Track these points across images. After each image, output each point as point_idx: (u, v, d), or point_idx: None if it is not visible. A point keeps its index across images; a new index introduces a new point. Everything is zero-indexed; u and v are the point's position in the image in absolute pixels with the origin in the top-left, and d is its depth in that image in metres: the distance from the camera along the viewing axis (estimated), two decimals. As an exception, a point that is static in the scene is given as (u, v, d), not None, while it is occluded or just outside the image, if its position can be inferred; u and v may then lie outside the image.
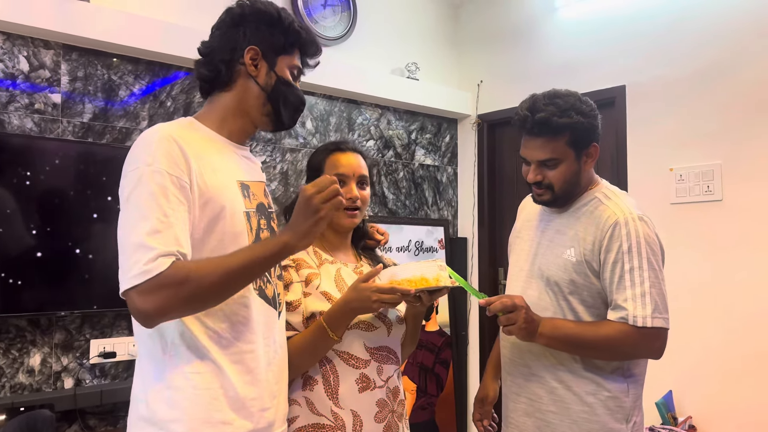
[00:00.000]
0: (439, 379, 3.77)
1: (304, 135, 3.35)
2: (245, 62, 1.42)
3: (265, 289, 1.44)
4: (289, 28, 1.44)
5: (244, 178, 1.45)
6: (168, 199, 1.25)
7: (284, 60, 1.45)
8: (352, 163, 1.69)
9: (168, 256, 1.21)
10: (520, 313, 1.58)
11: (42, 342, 2.48)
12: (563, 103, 1.65)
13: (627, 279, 1.61)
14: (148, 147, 1.30)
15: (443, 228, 3.96)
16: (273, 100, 1.44)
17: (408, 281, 1.50)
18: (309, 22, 3.34)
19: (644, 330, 1.59)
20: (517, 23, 3.81)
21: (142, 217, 1.23)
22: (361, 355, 1.61)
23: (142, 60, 2.79)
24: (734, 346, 2.85)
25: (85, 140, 2.61)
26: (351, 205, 1.66)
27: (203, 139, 1.40)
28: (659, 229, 3.01)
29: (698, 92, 3.01)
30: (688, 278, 2.99)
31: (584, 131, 1.67)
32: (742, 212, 2.86)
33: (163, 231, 1.23)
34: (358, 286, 1.52)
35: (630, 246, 1.62)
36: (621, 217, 1.65)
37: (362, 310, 1.54)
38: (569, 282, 1.68)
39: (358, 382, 1.59)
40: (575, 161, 1.69)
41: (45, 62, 2.55)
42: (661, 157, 3.12)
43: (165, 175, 1.26)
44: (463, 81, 4.08)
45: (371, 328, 1.63)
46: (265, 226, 1.46)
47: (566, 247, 1.71)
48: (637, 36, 3.25)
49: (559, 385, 1.69)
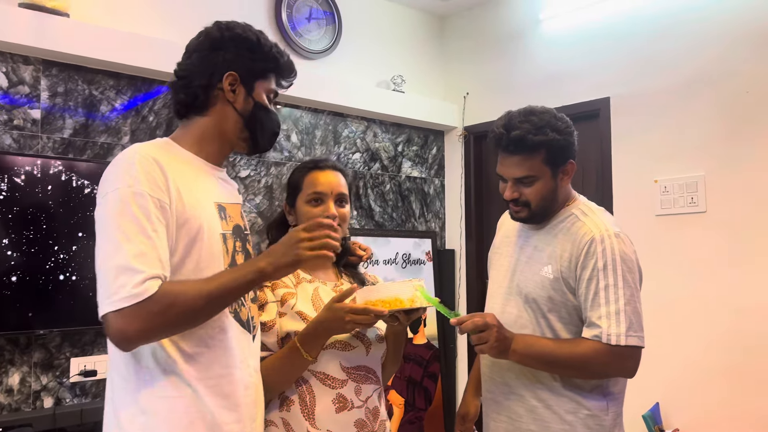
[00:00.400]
0: (427, 392, 3.75)
1: (289, 149, 3.34)
2: (224, 88, 1.42)
3: (240, 312, 1.43)
4: (268, 54, 1.45)
5: (221, 199, 1.44)
6: (150, 221, 1.24)
7: (262, 85, 1.45)
8: (330, 182, 1.69)
9: (155, 279, 1.21)
10: (492, 331, 1.56)
11: (21, 361, 2.45)
12: (538, 121, 1.65)
13: (602, 296, 1.60)
14: (129, 168, 1.28)
15: (431, 240, 3.94)
16: (250, 126, 1.44)
17: (382, 302, 1.49)
18: (293, 35, 3.34)
19: (618, 348, 1.58)
20: (502, 35, 3.82)
21: (126, 239, 1.22)
22: (337, 375, 1.59)
23: (123, 74, 2.77)
24: (720, 358, 2.84)
25: (66, 156, 2.59)
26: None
27: (180, 161, 1.39)
28: (645, 240, 3.05)
29: (682, 104, 3.02)
30: (673, 290, 2.98)
31: (560, 148, 1.66)
32: (726, 224, 2.86)
33: (148, 253, 1.22)
34: (332, 306, 1.50)
35: (605, 263, 1.61)
36: (597, 234, 1.64)
37: (336, 331, 1.52)
38: (547, 299, 1.67)
39: (335, 402, 1.58)
40: (552, 179, 1.69)
41: (24, 78, 2.53)
42: (646, 168, 3.12)
43: (147, 197, 1.25)
44: (450, 93, 4.09)
45: (348, 348, 1.61)
46: (240, 249, 1.46)
47: (543, 264, 1.70)
48: (621, 48, 3.25)
49: (539, 404, 1.67)
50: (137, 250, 1.21)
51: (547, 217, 1.74)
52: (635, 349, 1.60)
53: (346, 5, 3.59)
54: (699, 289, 2.92)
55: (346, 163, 3.58)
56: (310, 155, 3.41)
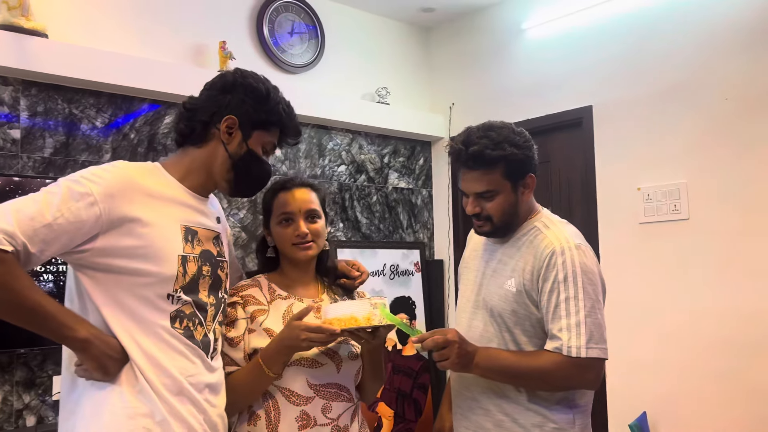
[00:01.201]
0: (417, 404, 3.74)
1: (273, 162, 3.35)
2: (220, 128, 1.48)
3: (194, 331, 1.45)
4: (273, 108, 1.51)
5: (192, 224, 1.48)
6: (68, 206, 1.29)
7: (260, 135, 1.51)
8: (297, 200, 1.69)
9: (10, 239, 1.24)
10: (453, 348, 1.56)
11: (3, 380, 2.46)
12: (496, 136, 1.65)
13: (562, 308, 1.60)
14: (98, 169, 1.37)
15: (419, 251, 3.94)
16: (237, 169, 1.51)
17: (338, 320, 1.50)
18: (276, 50, 3.36)
19: (578, 360, 1.57)
20: (486, 46, 3.83)
21: (34, 200, 1.29)
22: (302, 392, 1.59)
23: (104, 93, 2.79)
24: (707, 365, 2.82)
25: (47, 175, 2.61)
26: (300, 240, 1.67)
27: (160, 184, 1.45)
28: (629, 248, 3.05)
29: (663, 112, 3.02)
30: (658, 297, 2.98)
31: (518, 162, 1.67)
32: (709, 230, 2.86)
33: (35, 220, 1.26)
34: (291, 324, 1.52)
35: (566, 275, 1.61)
36: (558, 246, 1.64)
37: (295, 348, 1.53)
38: (511, 312, 1.67)
39: (298, 420, 1.58)
40: (512, 192, 1.69)
41: (3, 98, 2.55)
42: (629, 176, 3.12)
43: (86, 189, 1.32)
44: (435, 104, 4.10)
45: (316, 365, 1.62)
46: (207, 273, 1.49)
47: (507, 278, 1.70)
48: (603, 57, 3.26)
49: (506, 418, 1.67)
50: (29, 212, 1.27)
51: (511, 230, 1.75)
52: (596, 361, 1.60)
53: (329, 19, 3.62)
54: (684, 296, 2.91)
55: (331, 175, 3.59)
56: (294, 169, 3.42)
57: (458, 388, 1.78)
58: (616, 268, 3.08)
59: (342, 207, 3.62)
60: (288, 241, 1.68)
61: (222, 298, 1.56)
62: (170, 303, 1.41)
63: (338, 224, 3.59)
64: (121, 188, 1.36)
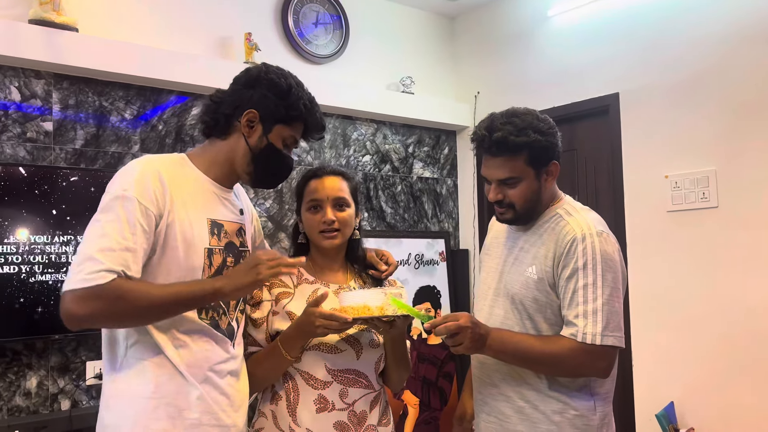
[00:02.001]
0: (442, 392, 3.75)
1: (298, 152, 3.38)
2: (241, 122, 1.52)
3: (219, 320, 1.51)
4: (294, 103, 1.54)
5: (218, 217, 1.54)
6: (131, 225, 1.36)
7: (281, 129, 1.55)
8: (327, 188, 1.73)
9: (111, 272, 1.31)
10: (466, 333, 1.56)
11: (38, 365, 2.54)
12: (520, 122, 1.64)
13: (580, 295, 1.59)
14: (130, 174, 1.43)
15: (444, 240, 3.95)
16: (257, 162, 1.55)
17: (351, 308, 1.52)
18: (301, 41, 3.38)
19: (592, 347, 1.56)
20: (511, 34, 3.80)
21: (102, 235, 1.35)
22: (320, 377, 1.63)
23: (133, 85, 2.85)
24: (735, 355, 2.79)
25: (78, 166, 2.67)
26: (327, 228, 1.70)
27: (186, 177, 1.51)
28: (657, 237, 3.02)
29: (692, 98, 2.97)
30: (686, 287, 2.94)
31: (542, 149, 1.66)
32: (739, 219, 2.81)
33: (116, 251, 1.33)
34: (307, 310, 1.56)
35: (585, 262, 1.60)
36: (579, 233, 1.63)
37: (310, 334, 1.57)
38: (532, 300, 1.67)
39: (316, 403, 1.62)
40: (535, 179, 1.68)
41: (36, 92, 2.62)
42: (657, 164, 3.08)
43: (135, 202, 1.38)
44: (460, 93, 4.09)
45: (335, 351, 1.65)
46: (231, 264, 1.55)
47: (528, 265, 1.70)
48: (630, 43, 3.22)
49: (526, 405, 1.67)
50: (106, 245, 1.33)
51: (533, 218, 1.74)
52: (611, 349, 1.59)
53: (354, 9, 3.62)
54: (712, 285, 2.87)
55: (356, 165, 3.61)
56: (319, 159, 3.45)
57: (479, 374, 1.79)
58: (642, 257, 3.05)
59: (367, 197, 3.64)
60: (315, 228, 1.71)
61: None
62: None
63: (363, 214, 3.61)
64: (155, 187, 1.42)
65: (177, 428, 1.41)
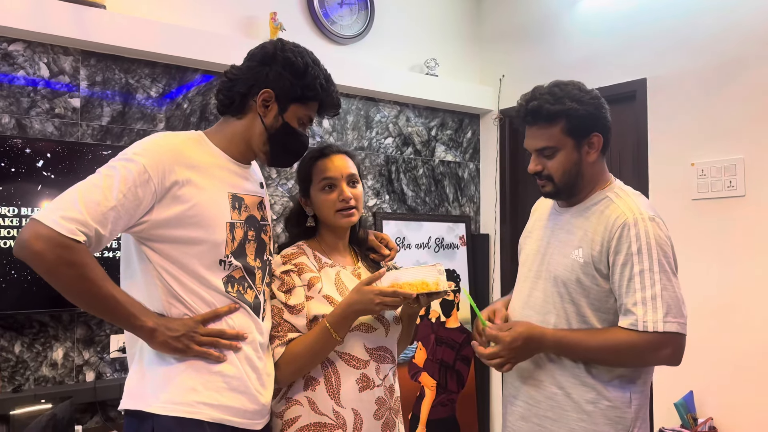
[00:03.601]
0: (459, 375, 3.77)
1: (321, 134, 3.39)
2: (257, 102, 1.51)
3: (245, 293, 1.53)
4: (311, 83, 1.52)
5: (238, 191, 1.54)
6: (126, 186, 1.36)
7: (297, 108, 1.54)
8: (338, 166, 1.72)
9: (84, 228, 1.30)
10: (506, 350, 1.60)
11: (64, 337, 2.59)
12: (559, 91, 1.62)
13: (637, 281, 1.54)
14: (145, 142, 1.44)
15: (465, 224, 3.94)
16: (273, 142, 1.54)
17: (409, 285, 1.57)
18: (326, 22, 3.37)
19: (655, 336, 1.52)
20: (538, 17, 3.76)
21: (94, 184, 1.35)
22: (361, 356, 1.66)
23: (159, 63, 2.87)
24: (757, 346, 2.76)
25: (104, 143, 2.71)
26: (345, 206, 1.69)
27: (205, 154, 1.51)
28: (681, 225, 2.99)
29: (720, 85, 2.92)
30: (710, 276, 2.91)
31: (581, 118, 1.61)
32: (765, 208, 2.76)
33: (100, 205, 1.33)
34: (362, 289, 1.57)
35: (640, 247, 1.55)
36: (630, 218, 1.58)
37: (365, 312, 1.59)
38: (576, 282, 1.63)
39: (359, 382, 1.64)
40: (574, 150, 1.64)
41: (64, 68, 2.65)
42: (683, 151, 3.04)
43: (140, 167, 1.38)
44: (485, 76, 4.05)
45: (371, 330, 1.68)
46: (252, 237, 1.55)
47: (574, 247, 1.65)
48: (658, 28, 3.16)
49: (559, 391, 1.64)
50: (94, 197, 1.33)
51: (575, 193, 1.70)
52: (674, 336, 1.53)
53: (379, -10, 3.60)
54: (738, 275, 2.84)
55: (378, 147, 3.60)
56: (342, 140, 3.45)
57: None
58: (666, 245, 3.02)
59: (388, 179, 3.64)
60: (331, 207, 1.70)
61: (267, 260, 1.62)
62: (222, 269, 1.47)
63: (384, 196, 3.62)
64: (170, 159, 1.42)
65: (208, 389, 1.43)
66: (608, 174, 1.74)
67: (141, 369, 1.46)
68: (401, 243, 3.61)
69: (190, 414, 1.40)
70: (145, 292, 1.44)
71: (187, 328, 1.41)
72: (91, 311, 1.43)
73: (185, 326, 1.41)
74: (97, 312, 1.41)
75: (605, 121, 1.67)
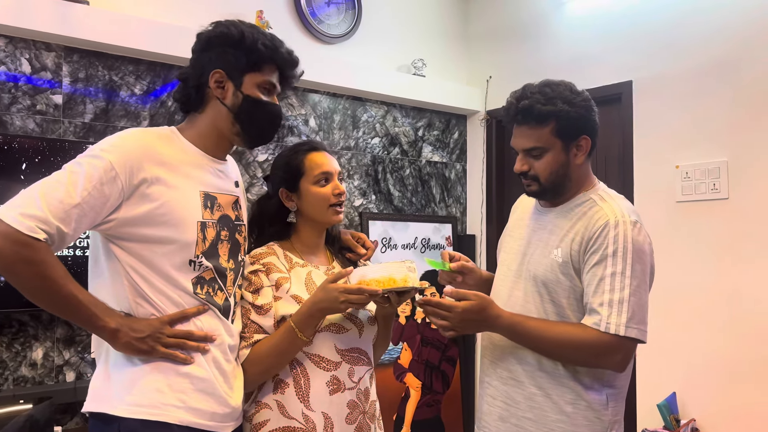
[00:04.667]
0: (445, 376, 3.76)
1: (308, 133, 3.37)
2: (210, 86, 1.47)
3: (214, 296, 1.49)
4: (251, 47, 1.47)
5: (211, 189, 1.50)
6: (92, 183, 1.32)
7: (252, 78, 1.48)
8: (331, 161, 1.72)
9: (44, 226, 1.27)
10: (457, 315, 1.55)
11: (44, 336, 2.56)
12: (550, 92, 1.60)
13: (607, 283, 1.53)
14: (113, 139, 1.40)
15: (451, 225, 3.94)
16: (240, 120, 1.49)
17: (376, 281, 1.52)
18: (313, 21, 3.36)
19: (613, 339, 1.51)
20: (525, 19, 3.76)
21: (58, 181, 1.32)
22: (331, 357, 1.62)
23: (143, 60, 2.84)
24: (740, 348, 2.77)
25: (87, 140, 2.67)
26: (339, 200, 1.69)
27: (177, 151, 1.46)
28: (665, 227, 3.00)
29: (705, 88, 2.94)
30: (693, 277, 2.92)
31: (571, 121, 1.60)
32: (749, 211, 2.78)
33: (63, 203, 1.29)
34: (327, 287, 1.53)
35: (616, 249, 1.54)
36: (612, 219, 1.57)
37: (330, 311, 1.55)
38: (556, 282, 1.62)
39: (329, 384, 1.61)
40: (562, 152, 1.63)
41: (47, 64, 2.61)
42: (668, 153, 3.05)
43: (107, 164, 1.34)
44: (472, 77, 4.05)
45: (342, 330, 1.64)
46: (226, 238, 1.51)
47: (554, 247, 1.64)
48: (645, 31, 3.18)
49: (538, 392, 1.63)
50: (57, 195, 1.29)
51: (560, 194, 1.68)
52: (631, 342, 1.53)
53: (367, -11, 3.59)
54: (719, 277, 2.85)
55: (364, 147, 3.59)
56: (328, 140, 3.44)
57: (491, 358, 1.74)
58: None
59: (375, 179, 3.63)
60: (326, 201, 1.67)
61: (241, 261, 1.59)
62: (192, 269, 1.44)
63: (370, 196, 3.61)
64: (139, 156, 1.38)
65: (174, 391, 1.40)
66: (593, 176, 1.74)
67: (106, 370, 1.43)
68: (387, 243, 3.60)
69: (156, 416, 1.37)
70: (112, 290, 1.41)
71: (152, 329, 1.38)
72: (53, 311, 1.40)
73: (151, 327, 1.38)
74: (58, 312, 1.38)
75: (594, 124, 1.67)
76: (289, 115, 3.30)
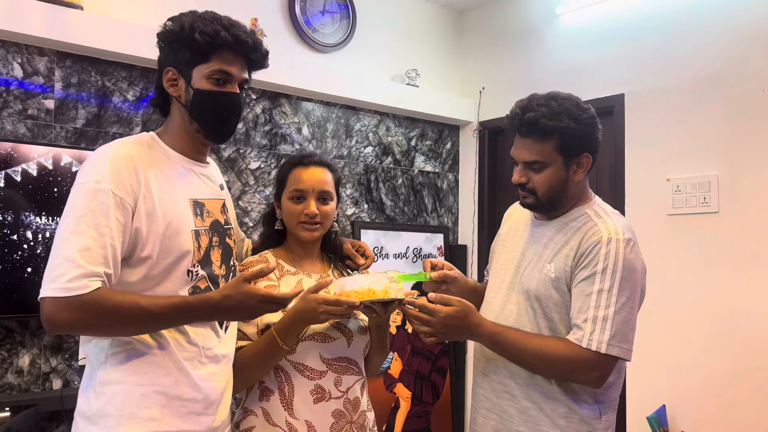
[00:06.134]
0: (435, 386, 3.75)
1: (300, 141, 3.37)
2: (164, 85, 1.45)
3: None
4: (189, 39, 1.41)
5: (199, 196, 1.48)
6: (107, 218, 1.29)
7: (200, 70, 1.43)
8: (311, 179, 1.70)
9: (93, 278, 1.25)
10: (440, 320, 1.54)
11: (31, 343, 2.53)
12: (557, 106, 1.59)
13: (593, 299, 1.53)
14: (100, 164, 1.34)
15: (443, 235, 3.94)
16: (195, 115, 1.45)
17: (355, 293, 1.50)
18: (307, 29, 3.36)
19: (593, 355, 1.51)
20: (519, 30, 3.79)
21: (77, 231, 1.27)
22: (316, 366, 1.62)
23: (136, 66, 2.83)
24: (730, 360, 2.78)
25: (78, 146, 2.66)
26: (309, 220, 1.68)
27: (159, 158, 1.44)
28: (656, 240, 3.01)
29: (697, 102, 2.96)
30: (683, 290, 2.93)
31: (575, 138, 1.59)
32: (739, 225, 2.80)
33: (94, 249, 1.26)
34: (307, 297, 1.53)
35: (606, 267, 1.53)
36: (605, 236, 1.56)
37: (311, 321, 1.54)
38: (548, 297, 1.62)
39: (313, 393, 1.60)
40: (562, 168, 1.62)
41: (39, 69, 2.60)
42: (659, 166, 3.07)
43: (109, 194, 1.30)
44: (465, 88, 4.07)
45: (328, 339, 1.64)
46: (217, 243, 1.50)
47: (548, 262, 1.64)
48: (637, 44, 3.20)
49: (532, 405, 1.62)
50: (84, 245, 1.26)
51: (556, 208, 1.68)
52: (611, 360, 1.53)
53: (361, -1, 3.61)
54: (710, 290, 2.87)
55: (357, 156, 3.59)
56: (321, 148, 3.44)
57: (484, 370, 1.74)
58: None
59: (367, 188, 3.63)
60: (295, 218, 1.69)
61: (232, 266, 1.58)
62: (189, 279, 1.43)
63: (363, 205, 3.60)
64: (129, 173, 1.35)
65: (166, 416, 1.37)
66: (589, 191, 1.74)
67: (95, 389, 1.38)
68: (379, 253, 3.59)
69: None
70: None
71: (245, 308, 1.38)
72: (163, 328, 1.37)
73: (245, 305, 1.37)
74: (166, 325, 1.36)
75: (597, 142, 1.65)
76: (283, 123, 3.29)
